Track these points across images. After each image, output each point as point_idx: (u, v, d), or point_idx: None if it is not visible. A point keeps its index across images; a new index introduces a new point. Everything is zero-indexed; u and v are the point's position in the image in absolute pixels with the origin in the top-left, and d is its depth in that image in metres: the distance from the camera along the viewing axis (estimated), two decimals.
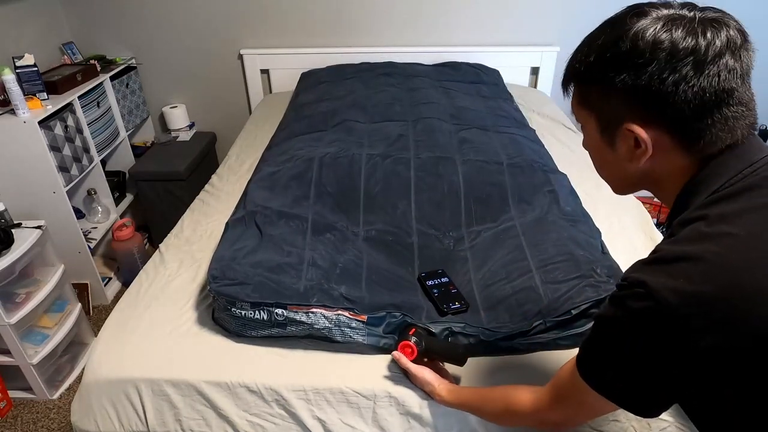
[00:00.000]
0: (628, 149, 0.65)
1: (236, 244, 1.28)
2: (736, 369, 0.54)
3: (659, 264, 0.57)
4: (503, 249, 1.33)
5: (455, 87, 2.17)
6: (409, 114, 1.86)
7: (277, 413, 1.06)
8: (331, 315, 1.09)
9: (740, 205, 0.57)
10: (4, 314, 1.65)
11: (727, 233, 0.55)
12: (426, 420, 1.03)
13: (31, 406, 1.88)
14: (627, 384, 0.62)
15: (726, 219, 0.56)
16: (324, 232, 1.35)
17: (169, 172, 2.52)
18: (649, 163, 0.64)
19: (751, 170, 0.59)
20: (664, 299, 0.54)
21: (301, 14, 2.66)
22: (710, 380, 0.56)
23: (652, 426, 0.98)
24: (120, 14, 2.66)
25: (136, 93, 2.74)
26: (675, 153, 0.63)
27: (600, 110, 0.67)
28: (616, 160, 0.68)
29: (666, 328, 0.55)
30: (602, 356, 0.64)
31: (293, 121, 1.97)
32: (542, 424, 0.79)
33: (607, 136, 0.67)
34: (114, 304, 1.85)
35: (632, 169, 0.67)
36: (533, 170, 1.58)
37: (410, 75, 2.29)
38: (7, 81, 1.81)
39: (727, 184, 0.60)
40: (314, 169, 1.54)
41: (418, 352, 1.02)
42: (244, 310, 1.10)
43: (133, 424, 1.10)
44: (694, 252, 0.55)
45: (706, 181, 0.61)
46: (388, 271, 1.29)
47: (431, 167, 1.55)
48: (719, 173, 0.61)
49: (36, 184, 1.99)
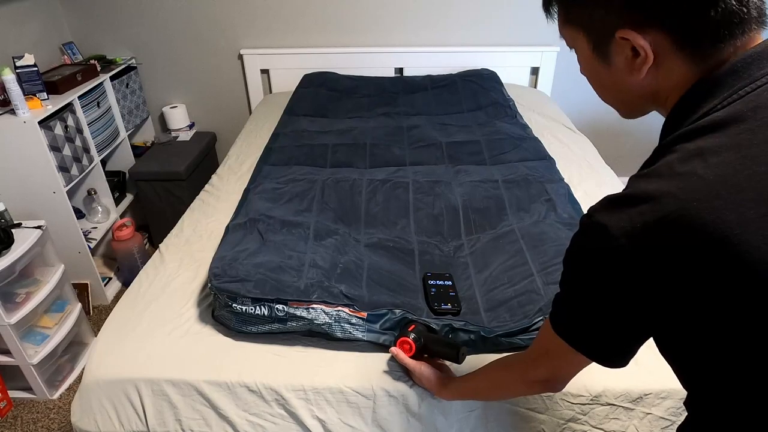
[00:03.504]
0: (626, 61, 0.59)
1: (237, 246, 1.30)
2: (692, 313, 0.53)
3: (624, 203, 0.54)
4: (504, 254, 1.35)
5: (453, 121, 2.19)
6: (408, 156, 1.90)
7: (277, 413, 1.06)
8: (332, 311, 1.10)
9: (721, 139, 0.52)
10: (4, 314, 1.65)
11: (695, 175, 0.51)
12: (426, 419, 1.03)
13: (31, 406, 1.88)
14: (591, 331, 0.62)
15: (701, 155, 0.52)
16: (326, 237, 1.36)
17: (169, 172, 2.51)
18: (653, 75, 0.58)
19: (748, 90, 0.53)
20: (622, 246, 0.53)
21: (301, 14, 2.66)
22: (670, 325, 0.56)
23: (654, 424, 0.99)
24: (120, 14, 2.66)
25: (136, 93, 2.74)
26: (679, 59, 0.56)
27: (587, 23, 0.61)
28: (616, 77, 0.62)
29: (624, 272, 0.54)
30: (568, 304, 0.64)
31: (293, 145, 1.99)
32: (533, 386, 0.78)
33: (600, 51, 0.61)
34: (114, 304, 1.85)
35: (635, 84, 0.60)
36: (528, 183, 1.62)
37: (409, 113, 2.29)
38: (7, 81, 1.81)
39: (719, 106, 0.54)
40: (316, 189, 1.59)
41: (416, 348, 1.02)
42: (245, 305, 1.10)
43: (133, 424, 1.10)
44: (659, 192, 0.52)
45: (699, 100, 0.56)
46: (389, 272, 1.30)
47: (429, 189, 1.61)
48: (713, 92, 0.55)
49: (36, 184, 1.99)
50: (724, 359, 0.54)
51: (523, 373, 0.77)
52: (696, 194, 0.50)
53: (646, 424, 1.00)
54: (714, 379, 0.57)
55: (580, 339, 0.64)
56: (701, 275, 0.50)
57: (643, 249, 0.52)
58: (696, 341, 0.55)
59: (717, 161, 0.51)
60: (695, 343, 0.55)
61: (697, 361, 0.58)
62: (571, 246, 0.61)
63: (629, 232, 0.52)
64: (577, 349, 0.64)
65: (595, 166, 1.89)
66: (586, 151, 1.99)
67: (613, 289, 0.56)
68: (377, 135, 2.06)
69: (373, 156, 1.91)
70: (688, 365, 0.60)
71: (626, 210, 0.54)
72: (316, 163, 1.86)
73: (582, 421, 1.02)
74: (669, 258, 0.51)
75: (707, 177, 0.50)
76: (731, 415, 0.57)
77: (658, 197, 0.52)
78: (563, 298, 0.65)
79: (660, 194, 0.52)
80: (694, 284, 0.51)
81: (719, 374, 0.56)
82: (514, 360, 0.81)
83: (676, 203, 0.51)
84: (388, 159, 1.88)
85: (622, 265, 0.54)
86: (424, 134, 2.06)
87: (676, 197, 0.51)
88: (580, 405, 1.02)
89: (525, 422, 1.02)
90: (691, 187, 0.51)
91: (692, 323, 0.53)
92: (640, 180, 0.55)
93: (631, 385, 1.01)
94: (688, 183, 0.51)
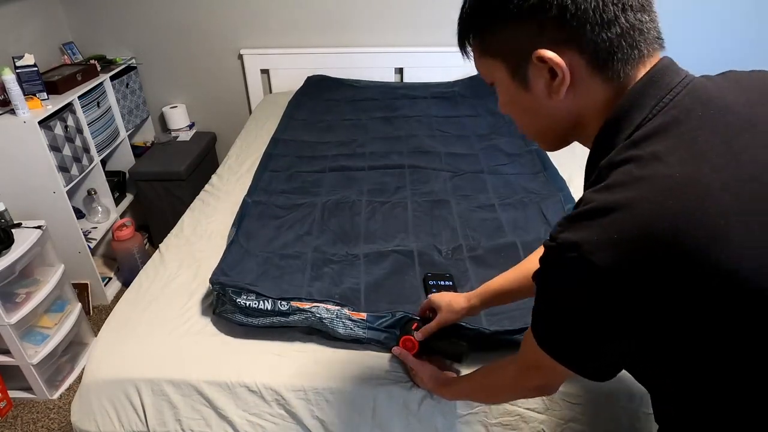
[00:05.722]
0: (545, 84, 0.59)
1: (237, 267, 1.32)
2: (679, 326, 0.51)
3: (590, 218, 0.52)
4: (504, 266, 1.34)
5: (451, 130, 2.20)
6: (407, 162, 1.92)
7: (277, 413, 1.06)
8: (334, 308, 1.14)
9: (669, 142, 0.52)
10: (4, 314, 1.65)
11: (663, 175, 0.50)
12: (426, 419, 1.03)
13: (31, 406, 1.88)
14: (575, 349, 0.60)
15: (658, 158, 0.51)
16: (323, 266, 1.37)
17: (169, 172, 2.51)
18: (571, 98, 0.59)
19: (671, 96, 0.55)
20: (600, 260, 0.49)
21: (301, 14, 2.66)
22: (656, 340, 0.53)
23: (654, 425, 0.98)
24: (120, 14, 2.66)
25: (136, 93, 2.74)
26: (593, 80, 0.58)
27: (503, 50, 0.61)
28: (537, 102, 0.62)
29: (605, 289, 0.51)
30: (548, 321, 0.62)
31: (293, 155, 2.01)
32: (527, 392, 0.80)
33: (519, 77, 0.61)
34: (114, 304, 1.85)
35: (554, 108, 0.61)
36: (524, 205, 1.64)
37: (408, 117, 2.30)
38: (7, 81, 1.81)
39: (650, 115, 0.55)
40: (316, 214, 1.61)
41: (419, 346, 1.03)
42: (249, 300, 1.14)
43: (133, 424, 1.10)
44: (627, 200, 0.50)
45: (628, 114, 0.57)
46: (388, 285, 1.30)
47: (427, 208, 1.63)
48: (639, 104, 0.56)
49: (36, 184, 1.99)
50: (719, 365, 0.53)
51: (515, 382, 0.78)
52: (669, 193, 0.49)
53: (647, 424, 1.00)
54: (706, 390, 0.56)
55: (566, 356, 0.61)
56: (695, 275, 0.48)
57: (624, 260, 0.49)
58: (688, 349, 0.53)
59: (676, 160, 0.51)
60: (686, 352, 0.54)
61: (686, 371, 0.56)
62: (542, 272, 0.58)
63: (604, 244, 0.50)
64: (564, 365, 0.62)
65: None
66: (585, 150, 1.98)
67: (595, 308, 0.53)
68: (377, 144, 2.08)
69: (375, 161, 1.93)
70: (675, 377, 0.58)
71: (594, 223, 0.51)
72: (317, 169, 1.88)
73: (582, 421, 1.02)
74: (656, 264, 0.48)
75: (674, 175, 0.50)
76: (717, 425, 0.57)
77: (629, 204, 0.50)
78: (543, 314, 0.62)
79: (630, 201, 0.50)
80: (687, 285, 0.48)
81: (713, 383, 0.55)
82: (508, 366, 0.80)
83: (652, 206, 0.49)
84: (387, 164, 1.90)
85: (601, 282, 0.51)
86: (424, 144, 2.07)
87: (649, 200, 0.49)
88: (580, 405, 1.02)
89: (525, 422, 1.02)
90: (661, 187, 0.50)
91: (686, 328, 0.51)
92: (597, 194, 0.53)
93: (632, 385, 1.01)
94: (657, 184, 0.50)
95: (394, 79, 2.77)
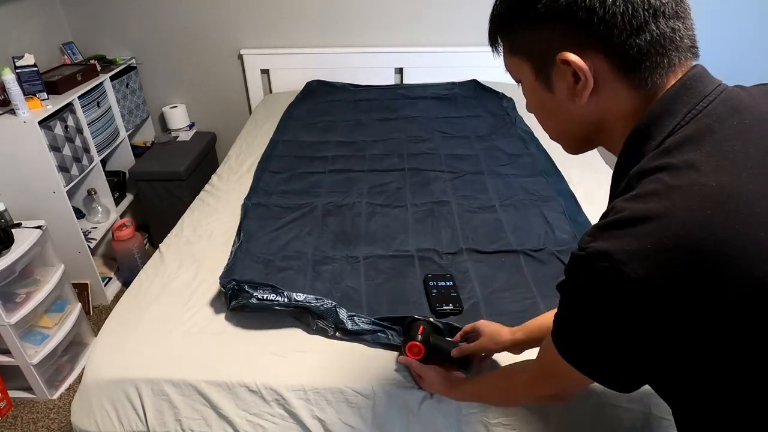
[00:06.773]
0: (568, 87, 0.59)
1: (242, 273, 1.33)
2: (713, 341, 0.49)
3: (622, 227, 0.50)
4: (505, 271, 1.35)
5: (453, 131, 2.20)
6: (407, 164, 1.92)
7: (277, 413, 1.06)
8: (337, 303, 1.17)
9: (706, 150, 0.50)
10: (4, 314, 1.65)
11: (699, 184, 0.48)
12: (426, 419, 1.03)
13: (31, 406, 1.88)
14: (601, 360, 0.58)
15: (693, 167, 0.49)
16: (323, 268, 1.38)
17: (169, 172, 2.52)
18: (594, 102, 0.59)
19: (705, 104, 0.54)
20: (633, 271, 0.47)
21: (301, 14, 2.66)
22: (687, 354, 0.51)
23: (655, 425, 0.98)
24: (120, 14, 2.66)
25: (136, 93, 2.74)
26: (619, 86, 0.57)
27: (530, 50, 0.61)
28: (560, 104, 0.61)
29: (636, 301, 0.49)
30: (573, 332, 0.60)
31: (293, 156, 2.02)
32: (540, 399, 0.79)
33: (543, 78, 0.61)
34: (114, 304, 1.85)
35: (577, 111, 0.60)
36: (525, 206, 1.64)
37: (408, 118, 2.30)
38: (7, 81, 1.81)
39: (683, 122, 0.54)
40: (316, 215, 1.62)
41: (425, 351, 1.02)
42: (266, 293, 1.17)
43: (133, 424, 1.10)
44: (662, 209, 0.48)
45: (659, 121, 0.55)
46: (388, 290, 1.30)
47: (427, 211, 1.63)
48: (671, 110, 0.55)
49: (36, 184, 1.99)
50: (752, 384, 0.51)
51: (530, 388, 0.77)
52: (706, 202, 0.47)
53: (648, 424, 1.00)
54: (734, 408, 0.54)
55: (591, 367, 0.60)
56: (733, 288, 0.46)
57: (658, 272, 0.47)
58: (720, 366, 0.51)
59: (711, 169, 0.49)
60: (718, 368, 0.51)
61: (715, 388, 0.53)
62: (568, 282, 0.56)
63: (637, 255, 0.48)
64: (589, 376, 0.60)
65: (595, 166, 1.90)
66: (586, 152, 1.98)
67: (623, 319, 0.51)
68: (376, 145, 2.08)
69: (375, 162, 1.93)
70: (702, 393, 0.55)
71: (626, 233, 0.49)
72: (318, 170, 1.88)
73: (584, 422, 1.02)
74: (693, 276, 0.46)
75: (710, 185, 0.48)
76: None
77: (664, 214, 0.48)
78: (567, 324, 0.61)
79: (665, 211, 0.48)
80: (725, 299, 0.46)
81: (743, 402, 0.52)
82: (521, 373, 0.79)
83: (688, 216, 0.47)
84: (388, 166, 1.90)
85: (633, 294, 0.49)
86: (423, 144, 2.07)
87: (685, 210, 0.47)
88: (584, 405, 1.02)
89: (526, 422, 1.02)
90: (697, 196, 0.48)
91: (720, 343, 0.49)
92: (628, 203, 0.52)
93: None
94: (693, 194, 0.48)
95: (394, 80, 2.77)
